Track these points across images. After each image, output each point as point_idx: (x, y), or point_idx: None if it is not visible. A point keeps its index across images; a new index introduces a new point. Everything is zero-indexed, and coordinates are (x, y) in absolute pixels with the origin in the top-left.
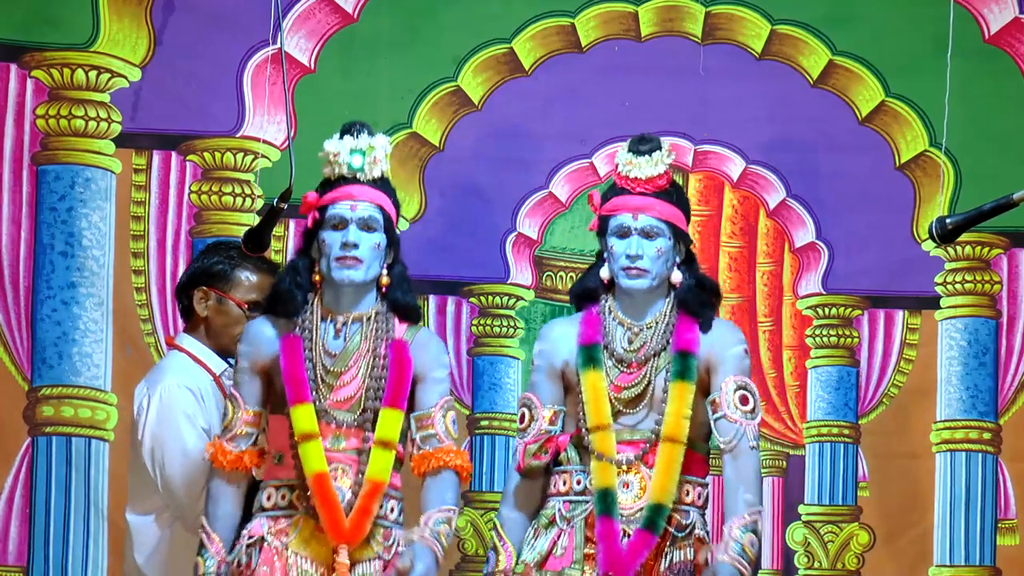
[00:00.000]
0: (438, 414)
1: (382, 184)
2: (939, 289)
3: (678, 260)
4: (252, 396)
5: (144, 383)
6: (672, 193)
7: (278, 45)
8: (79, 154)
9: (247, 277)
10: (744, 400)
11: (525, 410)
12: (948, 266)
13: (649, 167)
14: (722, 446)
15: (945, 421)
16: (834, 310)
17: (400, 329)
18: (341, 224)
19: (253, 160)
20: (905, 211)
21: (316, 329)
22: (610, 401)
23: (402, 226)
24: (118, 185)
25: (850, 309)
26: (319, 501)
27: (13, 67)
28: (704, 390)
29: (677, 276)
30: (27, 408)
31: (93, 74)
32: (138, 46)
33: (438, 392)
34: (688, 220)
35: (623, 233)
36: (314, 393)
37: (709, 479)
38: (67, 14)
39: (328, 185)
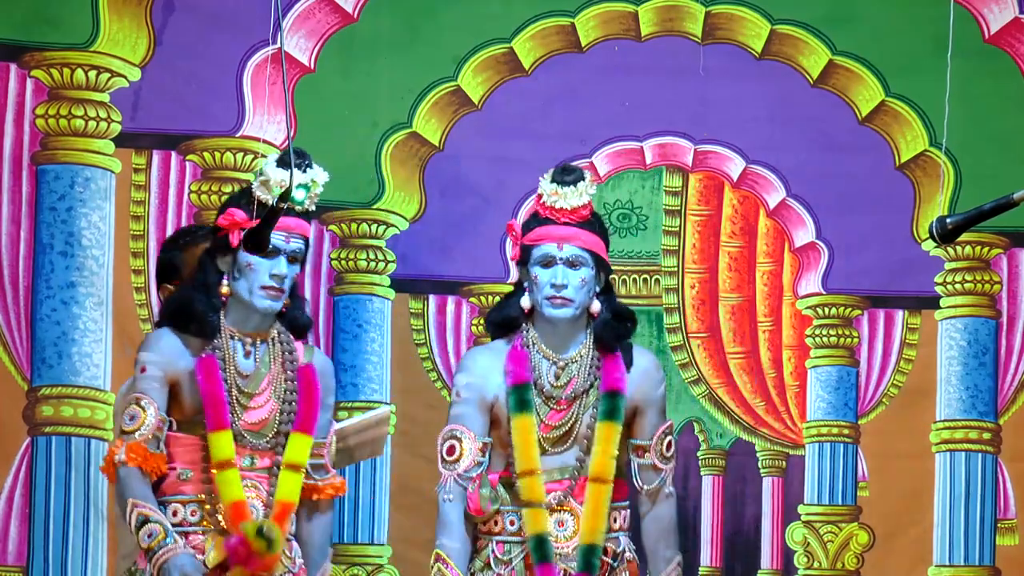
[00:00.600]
0: (328, 444)
1: (308, 217)
2: (939, 289)
3: (598, 290)
4: (161, 403)
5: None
6: (594, 222)
7: (278, 45)
8: (79, 154)
9: (193, 256)
10: (668, 446)
11: (454, 442)
12: (948, 266)
13: (574, 197)
14: (643, 491)
15: (945, 421)
16: (834, 310)
17: (299, 350)
18: (272, 253)
19: (253, 160)
20: (905, 211)
21: (227, 349)
22: (538, 441)
23: (402, 226)
24: (118, 185)
25: (850, 309)
26: (234, 530)
27: (13, 67)
28: (628, 424)
29: (596, 306)
30: (27, 408)
31: (93, 74)
32: (138, 46)
33: (328, 419)
34: (608, 248)
35: (547, 262)
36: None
37: (628, 501)
38: (67, 14)
39: (261, 209)
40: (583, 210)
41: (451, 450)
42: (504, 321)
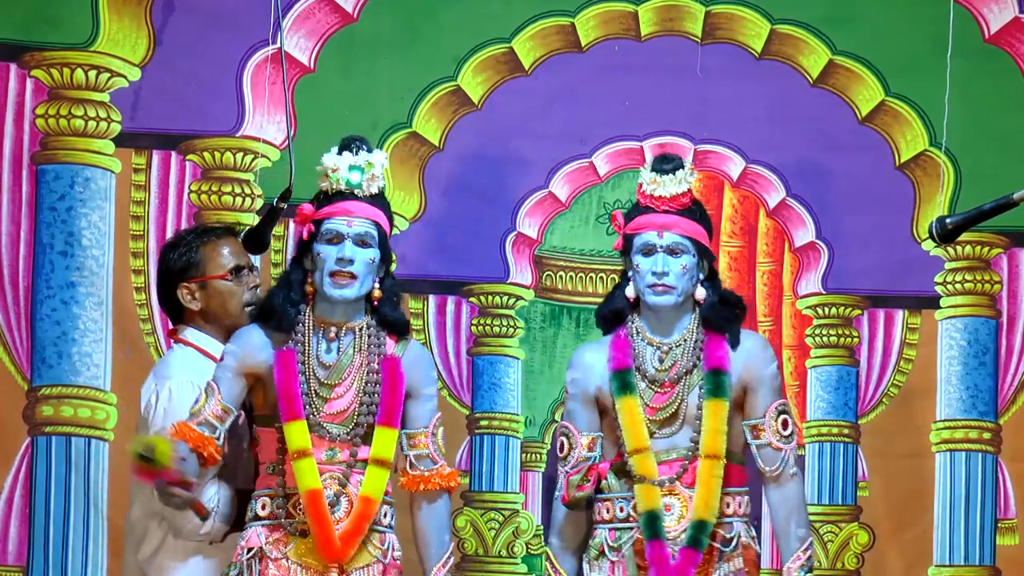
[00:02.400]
0: (431, 433)
1: (378, 200)
2: (939, 289)
3: (701, 277)
4: (229, 394)
5: (152, 379)
6: (695, 211)
7: (278, 45)
8: (79, 154)
9: (213, 251)
10: (785, 425)
11: (564, 439)
12: (948, 266)
13: (673, 185)
14: (767, 473)
15: (945, 421)
16: (834, 310)
17: (390, 344)
18: (337, 239)
19: (253, 160)
20: (905, 211)
21: (308, 342)
22: (646, 423)
23: (402, 226)
24: (118, 185)
25: (850, 309)
26: (312, 520)
27: (13, 67)
28: (739, 405)
29: (701, 293)
30: (27, 408)
31: (93, 74)
32: (138, 46)
33: (430, 409)
34: (711, 237)
35: (648, 251)
36: (307, 407)
37: (747, 488)
38: (67, 14)
39: (325, 198)
40: (683, 198)
41: (561, 447)
42: (611, 315)
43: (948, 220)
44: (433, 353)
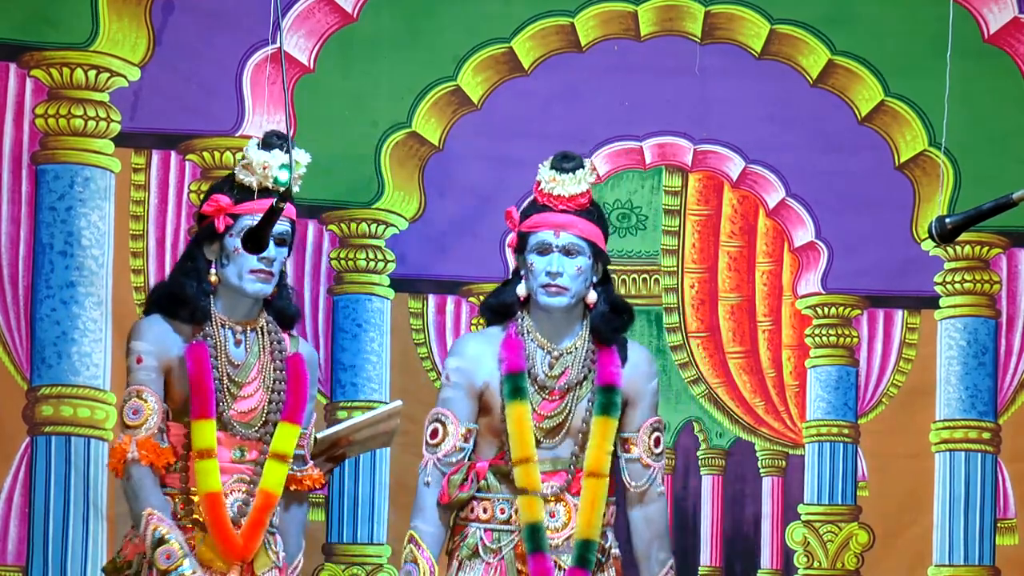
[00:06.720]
0: (310, 434)
1: (292, 198)
2: (938, 289)
3: (595, 280)
4: (161, 393)
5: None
6: (593, 212)
7: (278, 45)
8: (78, 153)
9: None
10: (657, 442)
11: (438, 425)
12: (947, 266)
13: (572, 185)
14: (632, 488)
15: (944, 421)
16: (833, 310)
17: (286, 340)
18: None
19: None
20: (905, 211)
21: (218, 336)
22: (533, 432)
23: (402, 226)
24: (117, 185)
25: (849, 309)
26: (210, 521)
27: (13, 67)
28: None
29: (592, 296)
30: (26, 408)
31: (92, 74)
32: (137, 46)
33: (310, 409)
34: (606, 239)
35: (544, 250)
36: (220, 404)
37: (615, 497)
38: (67, 14)
39: (245, 193)
40: (581, 198)
41: (434, 433)
42: (500, 307)
43: (948, 220)
44: (433, 353)
